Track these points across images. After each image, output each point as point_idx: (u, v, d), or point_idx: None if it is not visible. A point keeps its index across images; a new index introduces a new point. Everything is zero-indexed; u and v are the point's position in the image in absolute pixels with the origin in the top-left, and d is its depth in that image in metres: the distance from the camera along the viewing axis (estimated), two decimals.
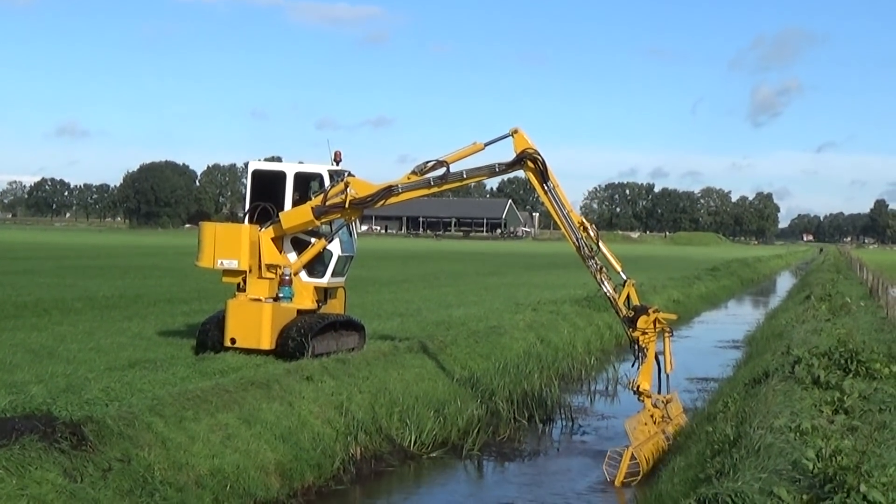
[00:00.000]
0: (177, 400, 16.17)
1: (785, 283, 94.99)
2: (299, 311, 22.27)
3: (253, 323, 21.45)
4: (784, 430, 12.87)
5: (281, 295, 21.99)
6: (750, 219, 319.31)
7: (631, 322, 20.43)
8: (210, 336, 22.05)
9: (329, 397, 19.37)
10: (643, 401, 20.45)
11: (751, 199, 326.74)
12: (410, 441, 20.12)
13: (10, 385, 16.59)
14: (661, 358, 20.88)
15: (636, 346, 20.46)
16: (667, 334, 20.95)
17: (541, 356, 29.52)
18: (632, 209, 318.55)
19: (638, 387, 20.38)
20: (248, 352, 21.29)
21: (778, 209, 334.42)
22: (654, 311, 20.60)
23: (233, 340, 21.50)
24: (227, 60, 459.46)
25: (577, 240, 20.54)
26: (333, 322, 22.71)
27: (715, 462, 13.13)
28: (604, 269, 20.68)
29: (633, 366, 21.05)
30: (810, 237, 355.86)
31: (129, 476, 13.54)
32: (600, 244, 20.73)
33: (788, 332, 29.37)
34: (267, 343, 21.44)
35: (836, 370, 17.59)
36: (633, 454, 18.62)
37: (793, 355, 19.59)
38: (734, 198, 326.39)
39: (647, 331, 20.35)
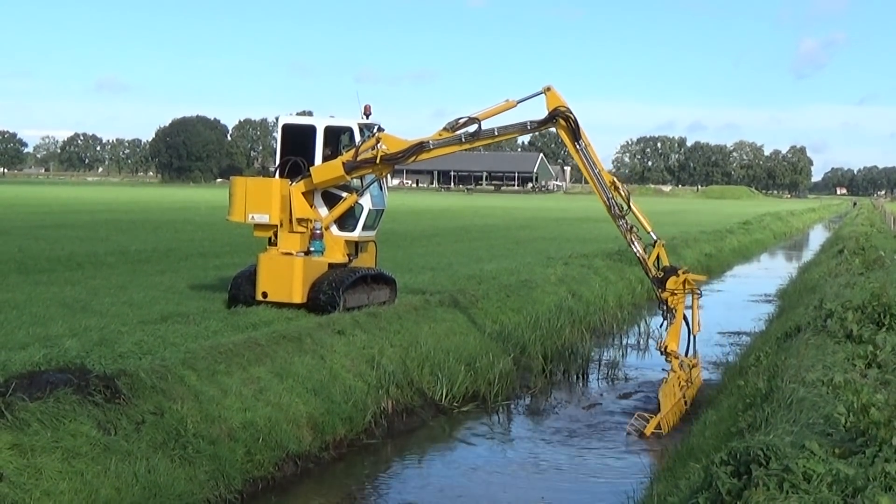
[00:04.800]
0: (209, 353, 16.24)
1: (818, 236, 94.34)
2: (330, 265, 22.29)
3: (284, 277, 21.50)
4: (816, 383, 12.79)
5: (312, 249, 22.01)
6: (783, 172, 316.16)
7: (660, 283, 20.47)
8: (242, 290, 22.12)
9: (360, 351, 19.43)
10: (670, 361, 20.51)
11: (784, 152, 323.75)
12: (441, 395, 20.20)
13: (45, 338, 16.73)
14: (688, 318, 20.92)
15: (665, 307, 20.52)
16: (695, 295, 21.00)
17: (572, 310, 29.46)
18: (664, 163, 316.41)
19: (666, 347, 20.47)
20: (280, 305, 21.35)
21: (811, 162, 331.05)
22: (683, 272, 20.65)
23: (264, 294, 21.57)
24: (267, 12, 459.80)
25: (608, 199, 20.49)
26: (364, 276, 22.72)
27: (747, 415, 13.09)
28: (634, 228, 20.65)
29: (661, 326, 21.09)
30: (844, 191, 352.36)
31: (162, 429, 13.64)
32: (631, 204, 20.70)
33: (821, 286, 29.15)
34: (298, 297, 21.49)
35: (870, 324, 17.43)
36: (659, 423, 18.85)
37: (825, 309, 19.43)
38: (767, 151, 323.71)
39: (676, 291, 20.41)
